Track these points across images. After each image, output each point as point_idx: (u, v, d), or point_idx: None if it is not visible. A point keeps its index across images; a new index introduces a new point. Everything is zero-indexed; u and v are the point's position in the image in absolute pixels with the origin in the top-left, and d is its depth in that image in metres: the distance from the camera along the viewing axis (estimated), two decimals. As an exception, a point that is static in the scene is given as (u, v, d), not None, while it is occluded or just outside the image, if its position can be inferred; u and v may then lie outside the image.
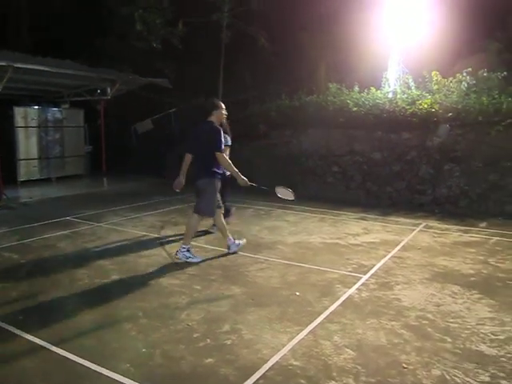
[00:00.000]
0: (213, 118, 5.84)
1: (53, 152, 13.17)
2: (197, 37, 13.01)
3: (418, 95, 9.60)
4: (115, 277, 5.15)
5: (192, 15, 12.78)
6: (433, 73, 9.91)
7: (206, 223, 6.92)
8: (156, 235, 7.06)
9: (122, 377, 3.12)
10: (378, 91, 10.14)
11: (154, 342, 3.62)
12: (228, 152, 6.67)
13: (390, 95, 9.94)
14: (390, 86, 10.46)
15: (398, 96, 9.76)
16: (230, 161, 5.89)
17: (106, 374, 3.16)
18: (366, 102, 9.89)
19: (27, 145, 12.49)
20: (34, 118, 12.54)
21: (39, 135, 12.77)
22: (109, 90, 12.05)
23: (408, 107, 9.40)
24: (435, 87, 9.71)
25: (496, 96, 8.77)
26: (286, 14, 12.88)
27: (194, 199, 6.16)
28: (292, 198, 6.18)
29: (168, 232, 7.30)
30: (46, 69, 9.83)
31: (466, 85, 9.47)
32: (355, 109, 9.85)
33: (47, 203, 9.99)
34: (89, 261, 5.71)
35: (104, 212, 8.63)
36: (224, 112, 5.98)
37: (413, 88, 10.00)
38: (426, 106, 9.21)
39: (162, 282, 5.00)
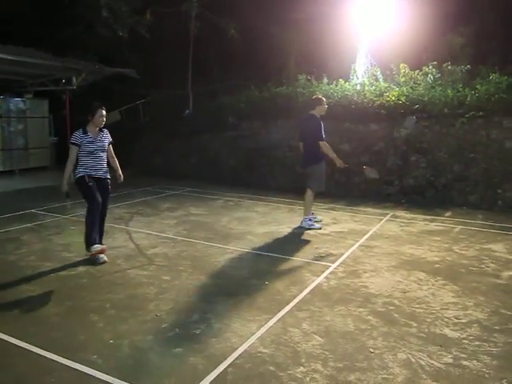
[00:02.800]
0: (315, 112, 6.76)
1: (16, 143, 12.79)
2: (165, 27, 12.80)
3: (386, 87, 9.73)
4: (81, 269, 5.05)
5: (160, 4, 12.57)
6: (400, 65, 10.06)
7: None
8: (124, 227, 6.96)
9: (88, 368, 3.07)
10: (347, 83, 10.23)
11: (122, 333, 3.57)
12: None
13: (358, 87, 10.03)
14: (358, 78, 10.56)
15: (366, 88, 9.86)
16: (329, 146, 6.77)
17: (73, 366, 3.10)
18: (335, 94, 9.96)
19: (-12, 136, 12.10)
20: (-5, 109, 12.15)
21: (1, 126, 12.36)
22: (74, 79, 11.73)
23: (376, 99, 9.52)
24: (402, 79, 9.87)
25: (460, 89, 8.97)
26: (255, 5, 12.81)
27: (163, 191, 6.09)
28: (377, 176, 7.40)
29: (136, 223, 7.19)
30: (8, 57, 9.49)
31: (431, 77, 9.66)
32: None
33: (10, 196, 9.71)
34: (54, 253, 5.59)
35: (69, 204, 8.42)
36: (326, 107, 6.90)
37: (381, 80, 10.12)
38: (393, 97, 9.35)
39: (130, 274, 4.93)
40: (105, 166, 5.38)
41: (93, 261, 5.17)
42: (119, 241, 6.18)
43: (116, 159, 5.56)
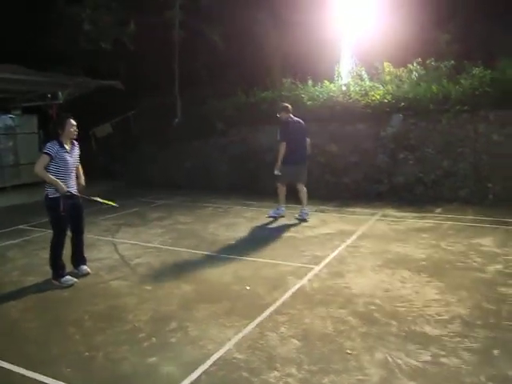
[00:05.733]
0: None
1: (6, 160, 12.72)
2: (150, 36, 12.78)
3: (371, 87, 9.70)
4: (63, 282, 5.00)
5: (144, 14, 12.56)
6: (384, 64, 10.04)
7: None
8: (110, 238, 6.91)
9: (60, 382, 3.03)
10: (332, 84, 10.20)
11: (98, 345, 3.53)
12: None
13: (344, 88, 10.00)
14: (342, 79, 10.54)
15: (351, 88, 9.83)
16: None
17: (43, 381, 3.06)
18: (320, 96, 9.94)
19: (-22, 155, 12.04)
20: (-17, 127, 12.10)
21: (-10, 144, 12.32)
22: (60, 94, 11.70)
23: (361, 99, 9.49)
24: (387, 78, 9.83)
25: (445, 84, 8.94)
26: (239, 10, 12.80)
27: (154, 201, 6.07)
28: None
29: (122, 234, 7.15)
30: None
31: (416, 75, 9.63)
32: (309, 102, 9.88)
33: (0, 213, 9.66)
34: (38, 268, 5.51)
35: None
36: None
37: (366, 80, 10.09)
38: (378, 96, 9.32)
39: (112, 285, 4.89)
40: (75, 180, 5.14)
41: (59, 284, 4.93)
42: (104, 252, 6.13)
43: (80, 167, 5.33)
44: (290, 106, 7.70)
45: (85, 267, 5.27)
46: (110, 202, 5.56)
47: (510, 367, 2.99)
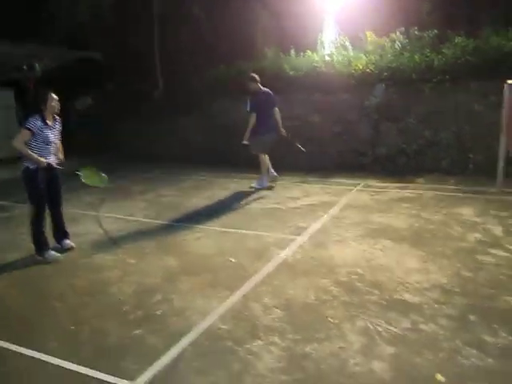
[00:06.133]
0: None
1: (-17, 135, 12.43)
2: (129, 8, 12.42)
3: (354, 57, 9.61)
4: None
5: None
6: (367, 33, 9.93)
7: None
8: (93, 212, 6.86)
9: (47, 356, 3.06)
10: (314, 54, 10.08)
11: (83, 319, 3.55)
12: None
13: (327, 58, 9.89)
14: (325, 49, 10.41)
15: (335, 58, 9.73)
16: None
17: (30, 355, 3.09)
18: (303, 66, 9.82)
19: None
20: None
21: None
22: (37, 66, 11.37)
23: (344, 69, 9.40)
24: (370, 48, 9.74)
25: (428, 54, 8.90)
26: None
27: (137, 174, 6.02)
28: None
29: (106, 209, 7.10)
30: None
31: (399, 44, 9.55)
32: (292, 73, 9.78)
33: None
34: (21, 244, 5.45)
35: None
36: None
37: (349, 49, 9.99)
38: (361, 66, 9.25)
39: (96, 259, 4.88)
40: (55, 154, 5.04)
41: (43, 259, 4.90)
42: (87, 227, 6.10)
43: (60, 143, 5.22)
44: (257, 77, 7.83)
45: (67, 241, 5.24)
46: (96, 183, 5.58)
47: (484, 332, 3.08)
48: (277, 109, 7.90)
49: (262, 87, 7.81)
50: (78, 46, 11.94)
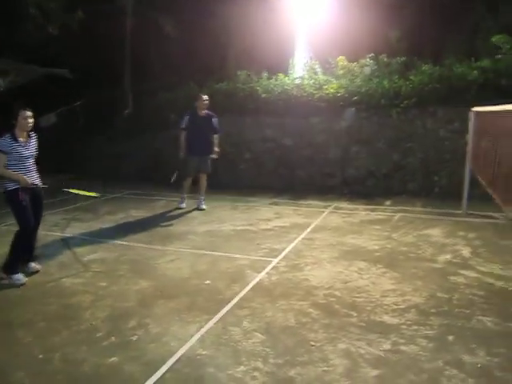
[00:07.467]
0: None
1: None
2: (100, 24, 12.29)
3: (325, 80, 9.81)
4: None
5: (94, 1, 12.08)
6: (338, 58, 10.18)
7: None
8: (59, 234, 6.63)
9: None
10: (286, 77, 10.24)
11: (53, 346, 3.37)
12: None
13: (298, 81, 10.06)
14: (296, 72, 10.59)
15: (306, 81, 9.90)
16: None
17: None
18: (275, 89, 9.94)
19: None
20: None
21: None
22: (1, 81, 11.06)
23: (315, 92, 9.57)
24: (341, 72, 9.97)
25: (396, 80, 9.18)
26: (193, 0, 12.57)
27: (104, 194, 5.88)
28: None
29: (72, 230, 6.87)
30: None
31: (369, 70, 9.82)
32: (264, 95, 9.88)
33: None
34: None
35: (1, 213, 7.93)
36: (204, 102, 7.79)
37: (319, 73, 10.20)
38: (332, 90, 9.44)
39: (65, 283, 4.69)
40: (36, 172, 4.93)
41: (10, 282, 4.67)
42: (53, 249, 5.87)
43: None
44: (204, 97, 7.84)
45: (33, 264, 5.01)
46: (90, 194, 5.39)
47: (463, 351, 3.12)
48: (216, 135, 7.98)
49: (204, 108, 7.84)
50: (47, 62, 11.68)
